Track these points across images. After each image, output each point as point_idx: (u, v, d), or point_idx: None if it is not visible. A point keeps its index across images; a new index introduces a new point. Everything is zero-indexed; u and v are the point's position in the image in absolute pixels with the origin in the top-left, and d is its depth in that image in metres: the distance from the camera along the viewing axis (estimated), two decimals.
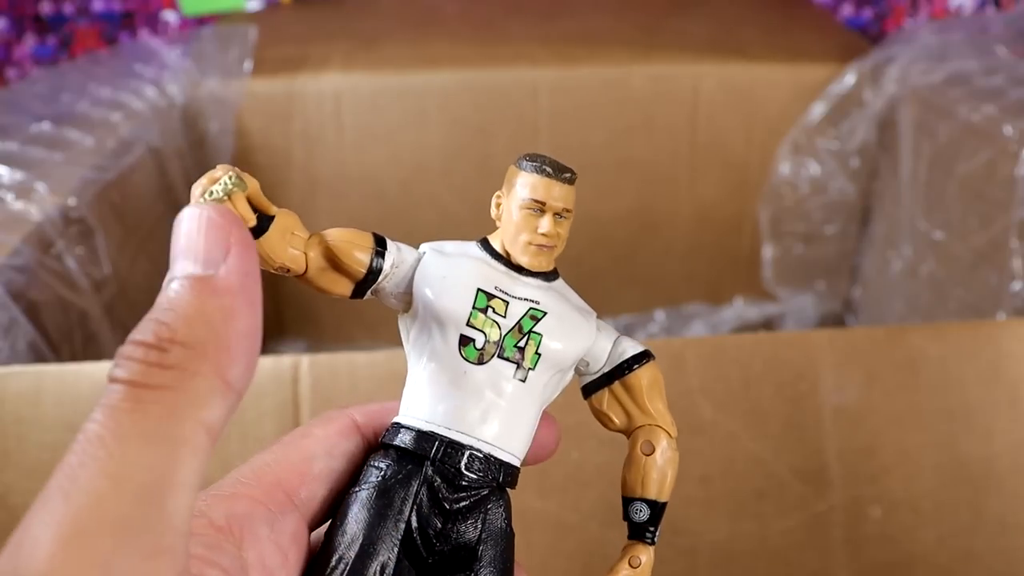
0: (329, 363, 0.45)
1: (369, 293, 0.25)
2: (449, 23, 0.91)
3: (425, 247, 0.26)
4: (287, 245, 0.24)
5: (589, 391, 0.27)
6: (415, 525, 0.23)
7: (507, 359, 0.24)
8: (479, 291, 0.24)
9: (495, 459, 0.24)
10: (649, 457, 0.25)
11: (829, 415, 0.45)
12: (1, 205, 0.57)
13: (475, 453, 0.24)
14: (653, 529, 0.25)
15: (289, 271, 0.24)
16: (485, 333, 0.24)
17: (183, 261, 0.20)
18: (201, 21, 1.00)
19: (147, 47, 0.84)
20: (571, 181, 0.25)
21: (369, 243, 0.25)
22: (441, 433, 0.24)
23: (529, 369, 0.24)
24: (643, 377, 0.26)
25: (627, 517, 0.26)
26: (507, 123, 0.81)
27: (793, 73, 0.81)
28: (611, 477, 0.42)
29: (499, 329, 0.24)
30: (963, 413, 0.46)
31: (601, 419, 0.27)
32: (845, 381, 0.45)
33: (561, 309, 0.25)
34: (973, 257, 0.67)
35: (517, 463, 0.25)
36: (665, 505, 0.26)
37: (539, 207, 0.25)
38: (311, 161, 0.82)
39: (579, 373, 0.26)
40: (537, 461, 0.26)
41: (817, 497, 0.45)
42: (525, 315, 0.24)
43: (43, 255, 0.56)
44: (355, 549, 0.23)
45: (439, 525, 0.23)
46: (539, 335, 0.24)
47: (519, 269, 0.25)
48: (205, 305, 0.19)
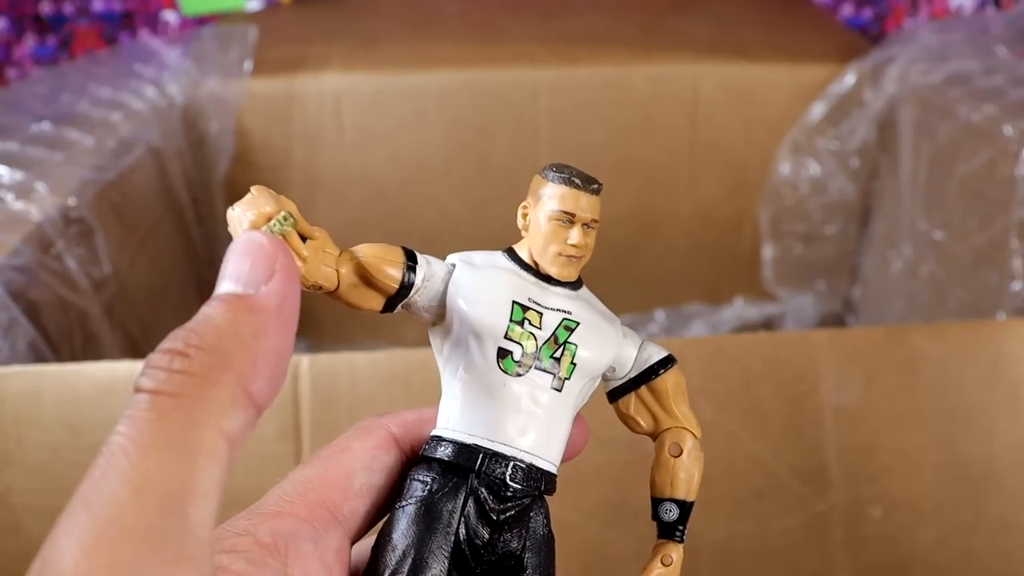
0: (329, 363, 0.45)
1: (400, 307, 0.25)
2: (449, 23, 0.91)
3: (453, 259, 0.26)
4: (320, 263, 0.24)
5: (615, 396, 0.27)
6: (463, 537, 0.24)
7: (544, 370, 0.25)
8: (515, 303, 0.25)
9: (537, 468, 0.24)
10: (677, 459, 0.26)
11: (829, 415, 0.45)
12: (1, 205, 0.57)
13: (518, 464, 0.24)
14: (682, 528, 0.26)
15: (321, 288, 0.24)
16: (522, 345, 0.24)
17: (226, 282, 0.20)
18: (201, 21, 1.00)
19: (147, 47, 0.84)
20: (598, 192, 0.25)
21: (400, 258, 0.25)
22: (484, 445, 0.24)
23: (565, 379, 0.25)
24: (669, 381, 0.26)
25: (656, 517, 0.26)
26: (507, 123, 0.81)
27: (793, 73, 0.81)
28: (611, 477, 0.42)
29: (535, 341, 0.24)
30: (963, 413, 0.46)
31: (627, 423, 0.27)
32: (845, 381, 0.45)
33: (591, 318, 0.25)
34: (973, 257, 0.67)
35: (555, 470, 0.25)
36: (692, 504, 0.26)
37: (568, 218, 0.25)
38: (311, 161, 0.82)
39: (605, 379, 0.27)
40: (565, 461, 0.26)
41: (817, 497, 0.45)
42: (559, 326, 0.25)
43: (43, 255, 0.56)
44: (408, 564, 0.23)
45: (486, 536, 0.24)
46: (574, 345, 0.25)
47: (547, 279, 0.25)
48: (238, 320, 0.19)
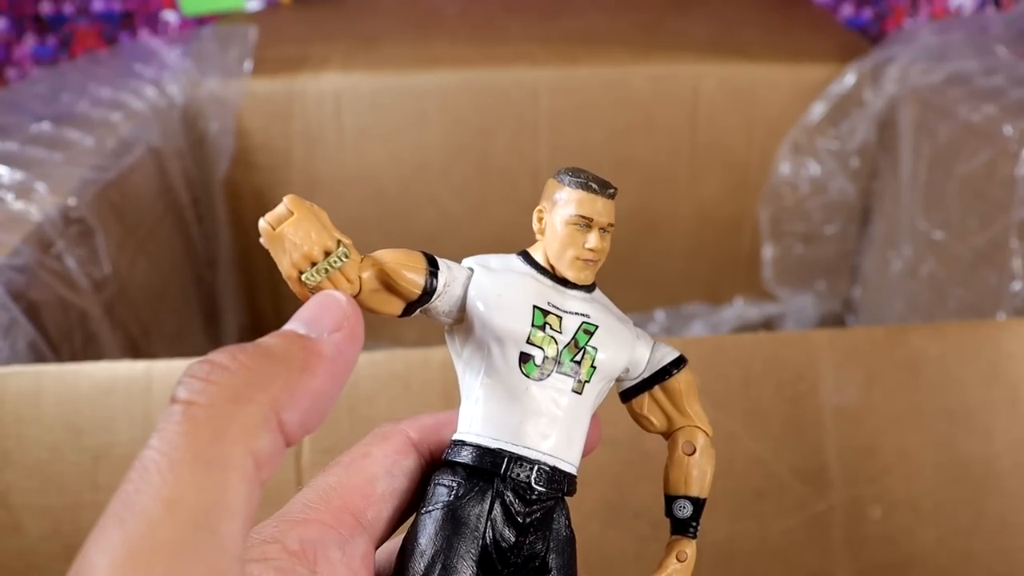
0: None
1: (419, 311, 0.25)
2: (449, 23, 0.91)
3: (470, 263, 0.26)
4: (350, 270, 0.24)
5: (628, 396, 0.27)
6: (490, 540, 0.24)
7: (565, 373, 0.25)
8: (536, 308, 0.25)
9: (560, 471, 0.25)
10: (691, 457, 0.26)
11: (829, 415, 0.45)
12: (1, 205, 0.57)
13: (542, 467, 0.24)
14: (695, 524, 0.26)
15: None
16: (543, 349, 0.25)
17: (294, 323, 0.21)
18: (201, 21, 1.00)
19: (147, 47, 0.84)
20: (614, 196, 0.26)
21: (421, 264, 0.25)
22: (508, 449, 0.24)
23: (584, 382, 0.25)
24: (681, 381, 0.27)
25: (670, 514, 0.27)
26: (507, 123, 0.81)
27: (793, 73, 0.81)
28: (611, 477, 0.42)
29: (556, 345, 0.25)
30: (963, 413, 0.46)
31: (641, 422, 0.27)
32: (845, 381, 0.45)
33: (608, 321, 0.26)
34: (973, 257, 0.67)
35: (576, 472, 0.25)
36: (705, 501, 0.27)
37: (585, 223, 0.25)
38: (311, 161, 0.82)
39: (619, 379, 0.27)
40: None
41: (817, 497, 0.45)
42: (579, 329, 0.25)
43: (43, 255, 0.56)
44: (437, 569, 0.23)
45: (512, 538, 0.24)
46: (594, 349, 0.25)
47: (564, 282, 0.26)
48: (291, 353, 0.20)
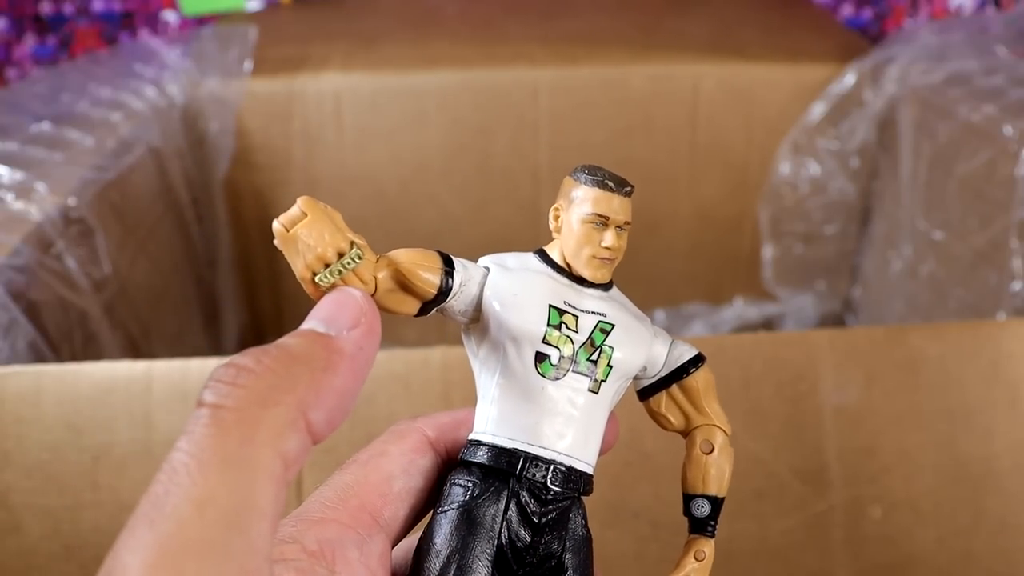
0: None
1: (434, 311, 0.25)
2: (449, 23, 0.91)
3: (486, 262, 0.26)
4: (364, 271, 0.24)
5: (646, 394, 0.27)
6: (505, 540, 0.24)
7: (581, 373, 0.25)
8: (551, 308, 0.25)
9: (575, 471, 0.25)
10: (709, 455, 0.26)
11: (829, 415, 0.45)
12: (1, 205, 0.57)
13: (558, 467, 0.24)
14: (714, 523, 0.26)
15: None
16: (559, 349, 0.24)
17: (312, 322, 0.21)
18: (201, 21, 1.00)
19: (147, 47, 0.84)
20: (630, 194, 0.26)
21: (437, 263, 0.25)
22: (524, 449, 0.24)
23: (601, 381, 0.25)
24: (699, 379, 0.26)
25: (688, 513, 0.26)
26: (507, 123, 0.81)
27: (793, 73, 0.81)
28: (611, 477, 0.42)
29: (572, 344, 0.25)
30: (963, 413, 0.46)
31: (659, 420, 0.27)
32: (845, 381, 0.45)
33: (625, 320, 0.26)
34: (973, 257, 0.67)
35: (592, 471, 0.25)
36: (723, 500, 0.26)
37: (602, 221, 0.25)
38: (311, 161, 0.82)
39: (636, 378, 0.27)
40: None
41: (817, 497, 0.45)
42: (595, 329, 0.25)
43: (43, 255, 0.56)
44: (452, 569, 0.23)
45: (528, 538, 0.24)
46: (610, 348, 0.25)
47: (581, 281, 0.26)
48: (313, 353, 0.20)
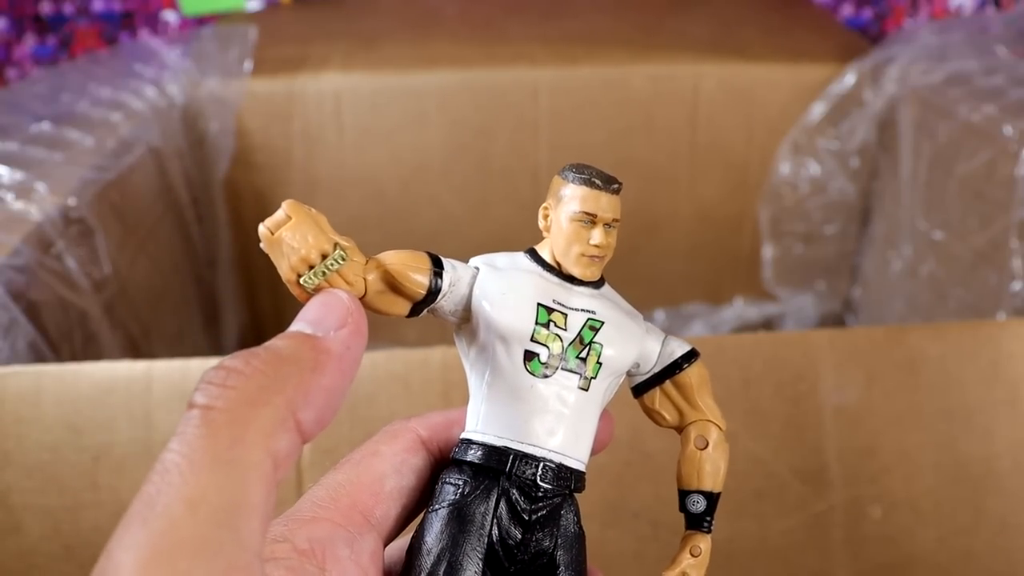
0: None
1: (425, 311, 0.25)
2: (449, 23, 0.91)
3: (477, 262, 0.26)
4: (348, 272, 0.24)
5: (640, 391, 0.27)
6: (496, 537, 0.24)
7: (570, 370, 0.25)
8: (540, 306, 0.25)
9: (566, 468, 0.25)
10: (703, 451, 0.26)
11: (829, 415, 0.45)
12: (1, 205, 0.57)
13: (548, 464, 0.24)
14: (710, 519, 0.26)
15: None
16: (548, 347, 0.24)
17: (300, 323, 0.22)
18: (201, 21, 1.00)
19: (147, 47, 0.84)
20: (618, 191, 0.26)
21: (426, 264, 0.25)
22: (513, 447, 0.24)
23: (591, 378, 0.25)
24: (693, 375, 0.26)
25: (684, 509, 0.26)
26: (507, 123, 0.81)
27: (793, 73, 0.81)
28: (611, 477, 0.42)
29: (561, 342, 0.25)
30: (963, 413, 0.46)
31: (653, 416, 0.27)
32: (845, 381, 0.45)
33: (615, 317, 0.26)
34: (973, 257, 0.67)
35: (584, 468, 0.25)
36: (719, 495, 0.26)
37: (590, 219, 0.25)
38: (311, 161, 0.82)
39: (629, 374, 0.27)
40: (592, 455, 0.26)
41: (817, 497, 0.45)
42: (584, 326, 0.25)
43: (43, 255, 0.56)
44: (443, 567, 0.23)
45: (519, 536, 0.24)
46: (600, 345, 0.25)
47: (571, 279, 0.26)
48: (301, 353, 0.20)
